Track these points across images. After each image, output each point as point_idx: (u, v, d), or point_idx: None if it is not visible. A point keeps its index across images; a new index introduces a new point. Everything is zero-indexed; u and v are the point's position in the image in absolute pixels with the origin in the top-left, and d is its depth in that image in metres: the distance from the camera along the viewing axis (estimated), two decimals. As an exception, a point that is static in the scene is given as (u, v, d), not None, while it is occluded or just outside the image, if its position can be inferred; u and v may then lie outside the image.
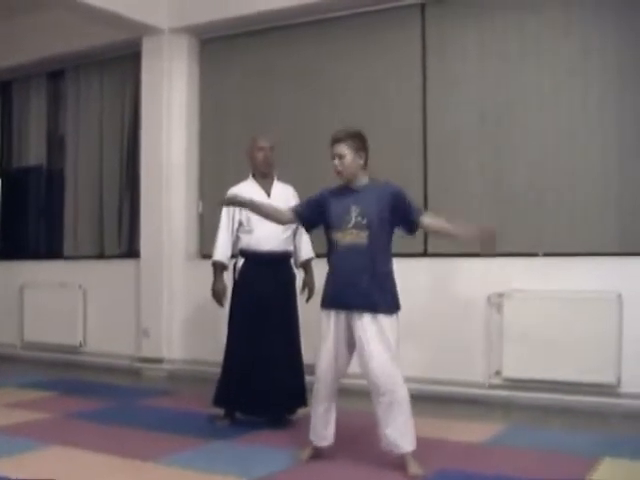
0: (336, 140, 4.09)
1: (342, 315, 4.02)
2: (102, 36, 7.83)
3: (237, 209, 5.15)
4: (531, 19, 6.07)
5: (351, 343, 4.04)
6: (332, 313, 4.06)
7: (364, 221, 4.00)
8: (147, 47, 7.65)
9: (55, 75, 8.90)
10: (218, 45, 7.64)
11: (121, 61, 8.23)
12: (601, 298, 5.54)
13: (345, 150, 4.06)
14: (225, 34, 7.52)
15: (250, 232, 5.11)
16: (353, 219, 4.01)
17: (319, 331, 4.13)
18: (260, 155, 5.22)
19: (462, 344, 6.07)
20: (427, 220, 4.14)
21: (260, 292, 5.03)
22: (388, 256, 4.08)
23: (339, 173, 4.10)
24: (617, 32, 5.77)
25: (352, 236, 4.01)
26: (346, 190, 4.14)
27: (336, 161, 4.08)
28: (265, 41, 7.31)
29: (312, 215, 4.24)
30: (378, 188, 4.11)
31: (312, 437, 4.20)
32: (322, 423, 4.14)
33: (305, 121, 7.03)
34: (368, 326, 3.94)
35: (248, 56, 7.41)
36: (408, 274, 4.80)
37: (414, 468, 3.88)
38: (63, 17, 7.80)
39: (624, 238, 5.70)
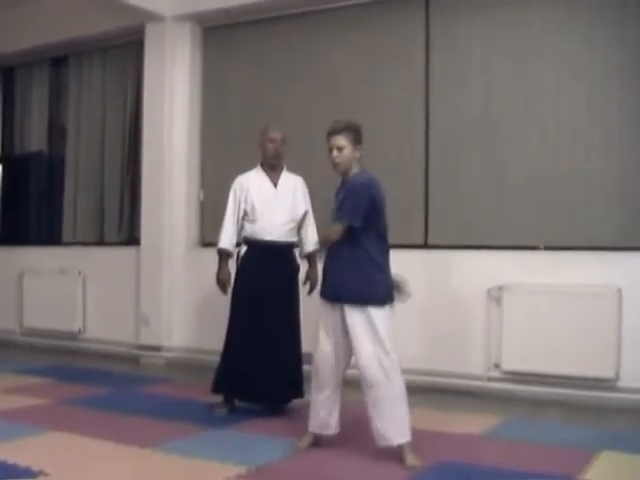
0: (334, 132, 4.06)
1: (337, 307, 4.03)
2: (105, 23, 7.80)
3: (242, 197, 5.14)
4: (535, 16, 6.05)
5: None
6: (328, 304, 4.08)
7: None
8: (150, 34, 7.62)
9: (58, 61, 8.87)
10: (221, 33, 7.61)
11: (124, 48, 8.21)
12: (601, 292, 5.54)
13: (344, 142, 4.04)
14: (228, 22, 7.49)
15: (254, 221, 5.10)
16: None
17: (317, 321, 4.15)
18: (271, 147, 5.19)
19: (461, 336, 6.07)
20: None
21: (261, 281, 5.03)
22: (372, 249, 4.02)
23: (336, 165, 4.08)
24: (620, 32, 5.76)
25: None
26: (342, 183, 4.14)
27: (334, 153, 4.05)
28: (268, 30, 7.28)
29: None
30: (350, 182, 4.08)
31: (312, 426, 4.20)
32: (325, 411, 4.14)
33: (306, 111, 6.99)
34: (356, 320, 3.95)
35: (251, 45, 7.39)
36: (408, 266, 4.79)
37: (411, 459, 3.90)
38: (66, 3, 7.82)
39: (625, 232, 5.69)
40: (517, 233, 6.02)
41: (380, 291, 4.00)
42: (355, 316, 3.95)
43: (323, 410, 4.14)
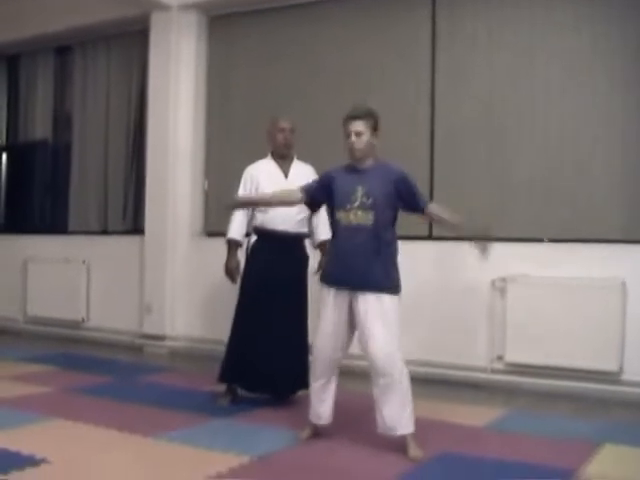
0: (354, 117, 4.01)
1: (344, 294, 3.99)
2: (110, 12, 7.78)
3: (253, 187, 5.12)
4: (541, 14, 6.03)
5: (352, 323, 4.02)
6: (332, 291, 4.02)
7: (369, 202, 3.95)
8: (155, 23, 7.61)
9: (62, 50, 8.86)
10: (227, 22, 7.59)
11: (129, 37, 8.20)
12: (605, 285, 5.53)
13: (362, 127, 3.99)
14: (234, 11, 7.47)
15: (265, 211, 5.06)
16: (359, 199, 3.96)
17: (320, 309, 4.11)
18: (280, 136, 5.17)
19: (465, 328, 6.07)
20: (431, 208, 4.12)
21: (270, 271, 5.00)
22: (392, 237, 4.05)
23: (354, 150, 4.01)
24: (625, 29, 5.74)
25: (357, 216, 3.96)
26: (352, 170, 4.07)
27: (353, 138, 4.00)
28: (274, 20, 7.26)
29: (319, 194, 4.19)
30: (383, 169, 4.07)
31: (310, 416, 4.20)
32: (317, 400, 4.15)
33: (312, 102, 6.98)
34: (371, 306, 3.90)
35: (257, 35, 7.37)
36: (413, 257, 4.80)
37: (414, 450, 3.89)
38: (72, -9, 7.80)
39: (629, 225, 5.68)
40: (521, 225, 6.01)
41: (395, 279, 4.01)
42: (370, 303, 3.90)
43: (316, 400, 4.15)
